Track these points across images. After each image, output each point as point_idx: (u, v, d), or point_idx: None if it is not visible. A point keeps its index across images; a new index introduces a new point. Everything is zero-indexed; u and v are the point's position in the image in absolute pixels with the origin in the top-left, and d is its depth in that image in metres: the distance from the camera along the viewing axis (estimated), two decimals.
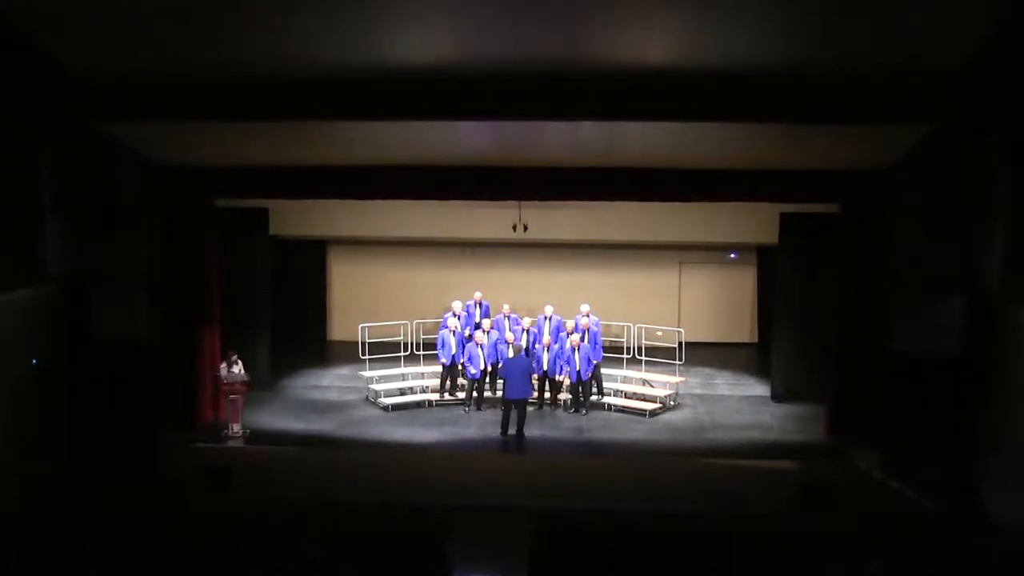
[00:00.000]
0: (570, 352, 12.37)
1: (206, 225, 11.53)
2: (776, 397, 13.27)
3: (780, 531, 6.92)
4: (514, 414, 11.48)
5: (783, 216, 12.85)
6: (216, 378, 11.50)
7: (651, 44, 7.72)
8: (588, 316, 13.00)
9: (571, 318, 13.16)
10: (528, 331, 13.08)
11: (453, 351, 12.90)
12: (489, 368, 12.78)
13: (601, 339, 13.04)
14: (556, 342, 12.72)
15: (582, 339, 12.61)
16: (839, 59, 7.87)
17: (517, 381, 11.44)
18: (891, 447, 9.91)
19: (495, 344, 12.84)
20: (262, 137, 9.55)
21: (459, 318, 13.38)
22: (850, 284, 10.94)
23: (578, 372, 12.31)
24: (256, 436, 11.27)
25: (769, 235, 13.33)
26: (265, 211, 13.52)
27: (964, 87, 8.19)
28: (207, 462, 9.48)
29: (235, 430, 11.19)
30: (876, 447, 10.16)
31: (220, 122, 8.84)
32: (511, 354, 12.50)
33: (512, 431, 11.46)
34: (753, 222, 13.92)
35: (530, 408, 12.55)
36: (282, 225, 14.19)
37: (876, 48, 7.68)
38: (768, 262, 15.83)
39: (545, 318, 13.30)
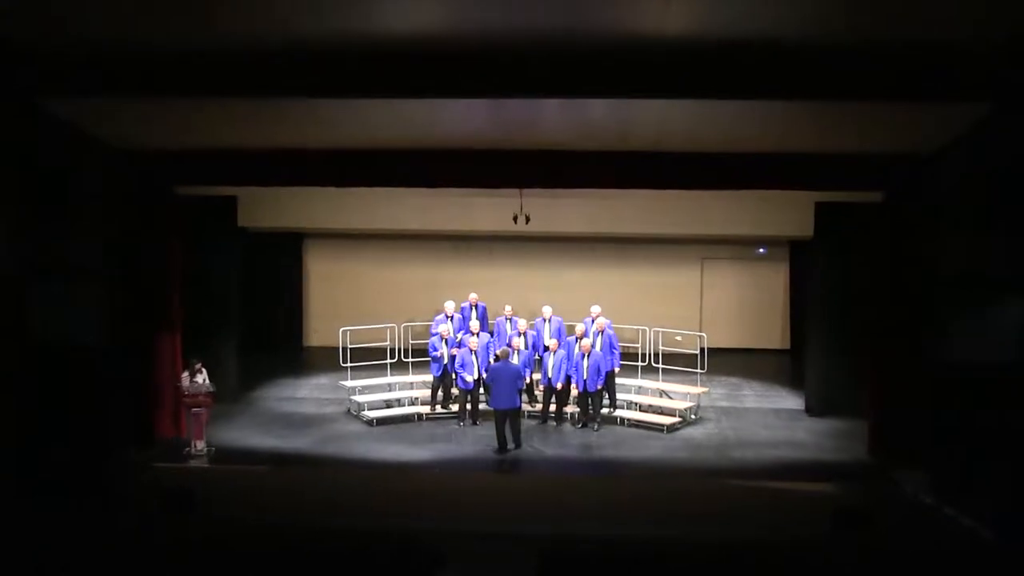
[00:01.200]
0: (579, 358, 12.33)
1: (166, 216, 11.54)
2: (811, 411, 13.29)
3: (813, 563, 6.88)
4: (508, 428, 11.49)
5: (819, 206, 12.86)
6: (177, 389, 11.50)
7: (669, 12, 7.66)
8: (600, 317, 12.99)
9: (579, 320, 13.18)
10: (525, 334, 13.08)
11: (445, 359, 12.87)
12: (484, 376, 12.77)
13: (618, 344, 13.02)
14: (563, 346, 12.70)
15: (594, 344, 12.60)
16: (882, 27, 7.81)
17: (503, 389, 11.43)
18: (942, 468, 9.87)
19: (486, 349, 12.83)
20: (230, 116, 9.51)
21: (453, 321, 13.36)
22: (895, 283, 10.94)
23: (585, 381, 12.27)
24: (223, 455, 11.27)
25: (803, 227, 13.35)
26: (233, 200, 13.54)
27: None
28: (167, 484, 9.41)
29: (198, 448, 11.19)
30: (925, 468, 10.13)
31: (182, 99, 8.79)
32: (515, 360, 12.44)
33: (510, 446, 11.47)
34: (784, 213, 13.92)
35: (533, 422, 12.54)
36: (252, 216, 14.20)
37: (925, 15, 7.62)
38: (801, 258, 15.89)
39: (544, 320, 13.31)
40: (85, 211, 10.35)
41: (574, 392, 12.80)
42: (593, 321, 13.04)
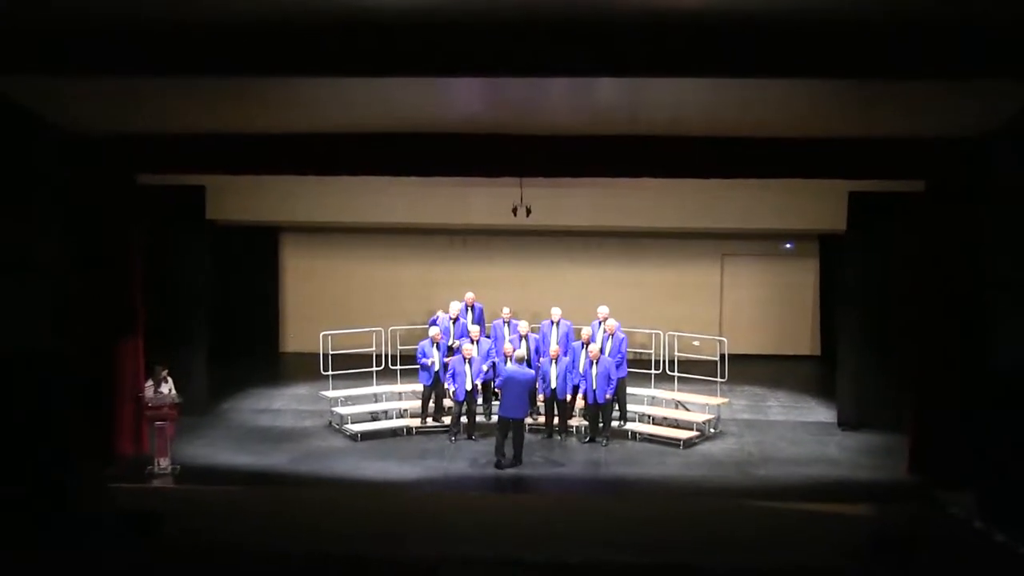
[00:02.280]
0: (587, 366, 12.32)
1: (127, 208, 11.51)
2: (844, 424, 13.26)
3: None
4: (511, 438, 11.50)
5: (852, 196, 12.84)
6: (139, 400, 11.44)
7: None
8: (608, 319, 12.97)
9: (584, 323, 13.14)
10: (527, 338, 13.04)
11: (436, 366, 12.85)
12: (479, 386, 12.75)
13: (626, 349, 13.02)
14: (567, 353, 12.68)
15: (603, 349, 12.59)
16: None
17: (515, 395, 11.46)
18: (992, 489, 9.82)
19: (487, 356, 12.80)
20: (197, 97, 9.47)
21: (455, 324, 13.35)
22: (939, 282, 10.90)
23: (595, 392, 12.26)
24: (190, 473, 11.21)
25: (834, 220, 13.33)
26: (201, 190, 13.51)
27: None
28: (127, 506, 9.40)
29: (163, 465, 11.14)
30: (973, 489, 10.09)
31: (142, 78, 8.74)
32: (511, 366, 12.42)
33: (508, 456, 11.47)
34: (814, 204, 13.93)
35: (537, 437, 12.51)
36: (223, 207, 14.16)
37: None
38: (833, 254, 15.85)
39: (552, 323, 13.29)
40: (36, 201, 10.32)
41: (580, 403, 12.75)
42: (601, 324, 13.02)
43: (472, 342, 12.79)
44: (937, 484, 10.64)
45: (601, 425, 12.51)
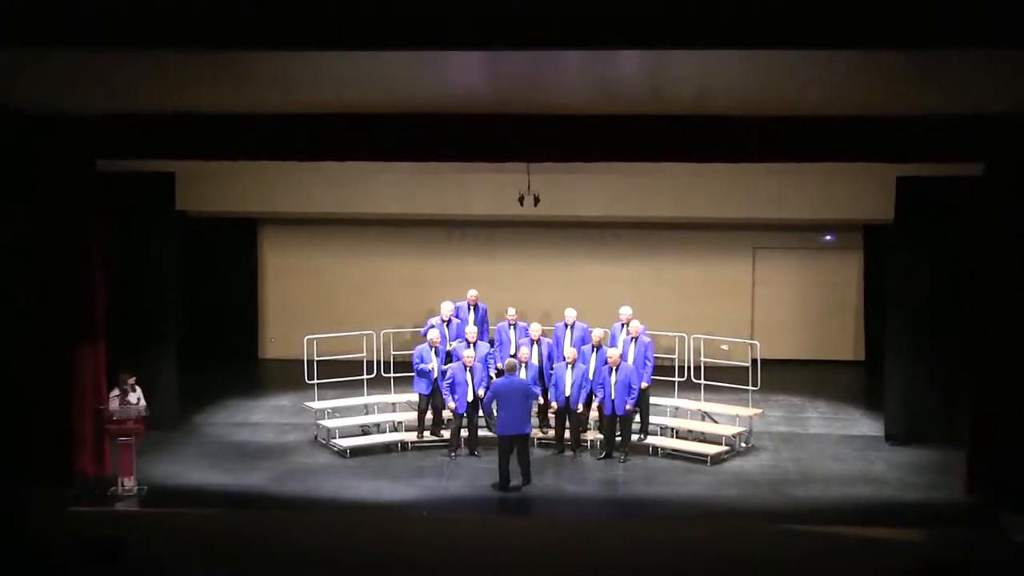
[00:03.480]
0: (604, 373, 12.28)
1: (87, 197, 11.48)
2: (892, 438, 13.23)
3: None
4: (514, 459, 11.44)
5: (901, 182, 12.80)
6: (101, 412, 11.42)
7: None
8: (633, 321, 12.97)
9: (600, 326, 13.11)
10: (539, 342, 13.00)
11: (435, 374, 12.82)
12: (482, 395, 12.71)
13: (653, 355, 13.02)
14: (583, 359, 12.68)
15: (625, 354, 12.58)
16: None
17: (513, 410, 11.37)
18: None
19: (485, 361, 12.83)
20: (165, 73, 9.42)
21: (449, 325, 13.34)
22: (1001, 279, 10.86)
23: (612, 402, 12.22)
24: (158, 495, 11.21)
25: (881, 208, 13.34)
26: (170, 178, 13.49)
27: None
28: (88, 533, 9.34)
29: (127, 486, 11.13)
30: None
31: (103, 51, 8.70)
32: (523, 374, 12.37)
33: (515, 483, 11.43)
34: (857, 190, 13.94)
35: (547, 452, 12.49)
36: (194, 197, 14.20)
37: None
38: (879, 247, 15.82)
39: (566, 326, 13.27)
40: None
41: (594, 414, 12.70)
42: (624, 326, 13.00)
43: (469, 345, 12.78)
44: (999, 505, 10.61)
45: (619, 439, 12.47)
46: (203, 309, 16.78)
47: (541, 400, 12.73)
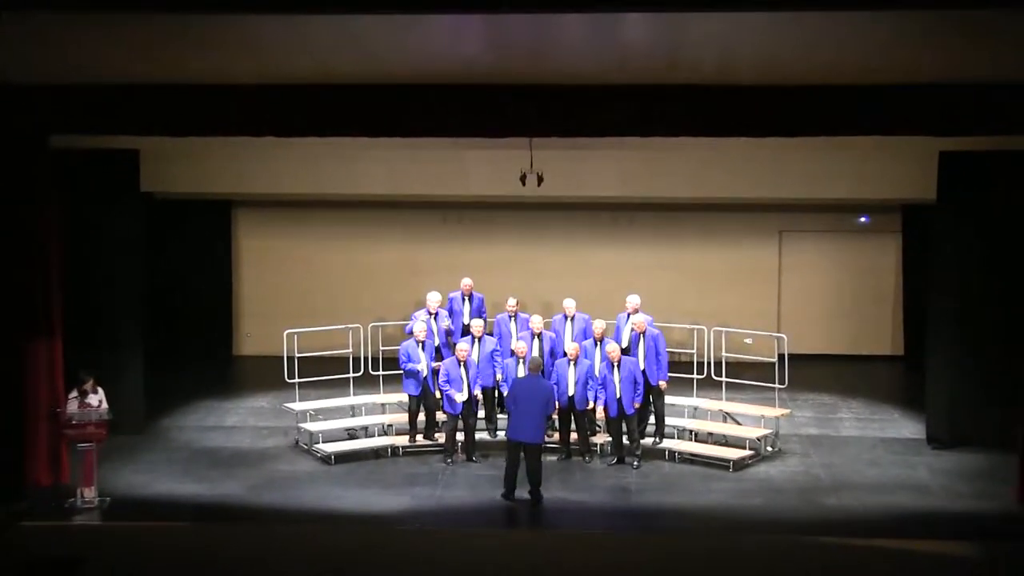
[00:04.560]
0: (605, 370, 12.28)
1: (40, 176, 11.45)
2: (936, 440, 13.23)
3: None
4: (523, 466, 11.42)
5: (945, 157, 12.79)
6: (57, 416, 11.40)
7: None
8: (638, 312, 12.95)
9: (611, 318, 13.14)
10: (541, 337, 13.02)
11: (424, 372, 12.80)
12: (479, 396, 12.75)
13: (665, 349, 12.96)
14: (585, 354, 12.68)
15: (631, 349, 12.56)
16: None
17: (527, 413, 11.36)
18: None
19: (491, 358, 12.77)
20: (127, 40, 9.39)
21: (437, 319, 13.31)
22: None
23: (619, 400, 12.22)
24: (122, 507, 11.20)
25: (921, 187, 13.33)
26: (134, 156, 13.51)
27: None
28: (43, 549, 9.35)
29: (87, 498, 11.12)
30: None
31: (56, 13, 8.66)
32: (521, 371, 12.38)
33: (521, 493, 11.41)
34: (895, 167, 13.92)
35: (553, 457, 12.53)
36: (161, 177, 14.19)
37: None
38: (920, 229, 15.79)
39: (566, 318, 13.28)
40: None
41: (600, 414, 12.73)
42: (629, 317, 12.97)
43: (475, 340, 12.80)
44: None
45: (630, 443, 12.47)
46: (171, 301, 16.78)
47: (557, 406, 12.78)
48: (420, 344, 12.89)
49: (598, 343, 12.60)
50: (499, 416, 13.14)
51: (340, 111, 10.74)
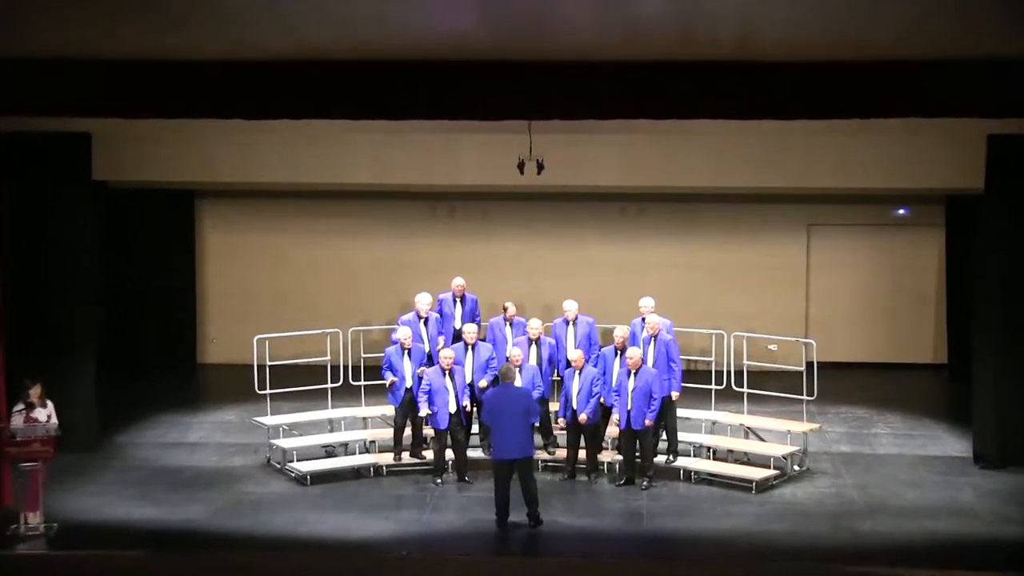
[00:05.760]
0: (622, 378, 12.31)
1: None
2: (983, 459, 13.26)
3: None
4: (515, 488, 11.39)
5: (994, 141, 12.81)
6: (0, 432, 11.38)
7: None
8: (653, 315, 12.96)
9: (618, 322, 13.13)
10: (539, 342, 13.04)
11: (408, 382, 12.82)
12: (469, 408, 12.82)
13: (679, 356, 12.98)
14: (592, 361, 12.70)
15: (645, 356, 12.58)
16: None
17: (508, 427, 11.30)
18: None
19: (486, 367, 12.84)
20: (80, 9, 9.38)
21: (428, 324, 13.31)
22: None
23: (630, 413, 12.26)
24: (71, 533, 11.18)
25: (967, 175, 13.36)
26: (86, 140, 13.54)
27: None
28: None
29: (32, 523, 11.11)
30: None
31: None
32: (518, 381, 12.37)
33: (518, 516, 11.39)
34: (938, 152, 13.94)
35: (556, 477, 12.55)
36: (116, 164, 14.23)
37: None
38: (965, 223, 15.82)
39: (566, 322, 13.31)
40: None
41: (612, 430, 12.71)
42: (643, 321, 12.98)
43: (468, 347, 12.81)
44: None
45: (641, 461, 12.48)
46: (128, 303, 16.76)
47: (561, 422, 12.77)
48: (406, 351, 12.89)
49: (619, 353, 12.56)
50: None
51: (318, 90, 10.76)
